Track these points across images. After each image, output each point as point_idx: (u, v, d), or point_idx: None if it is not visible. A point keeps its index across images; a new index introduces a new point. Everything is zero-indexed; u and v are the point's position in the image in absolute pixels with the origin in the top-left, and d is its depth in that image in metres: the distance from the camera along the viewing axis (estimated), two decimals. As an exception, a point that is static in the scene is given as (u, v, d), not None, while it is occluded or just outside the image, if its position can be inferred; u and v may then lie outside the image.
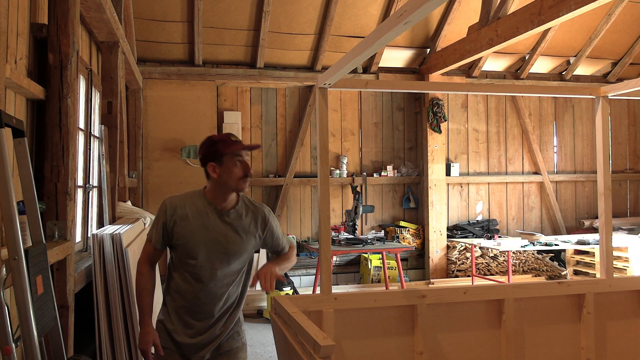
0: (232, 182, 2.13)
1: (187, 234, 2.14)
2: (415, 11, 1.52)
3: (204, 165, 2.18)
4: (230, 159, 2.12)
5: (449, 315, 2.85)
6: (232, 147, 2.11)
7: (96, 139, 4.22)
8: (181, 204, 2.17)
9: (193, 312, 2.19)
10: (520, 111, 7.83)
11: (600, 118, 3.10)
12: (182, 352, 2.21)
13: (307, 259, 6.90)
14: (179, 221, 2.15)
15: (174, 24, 6.27)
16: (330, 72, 2.46)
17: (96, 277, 3.16)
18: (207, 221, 2.15)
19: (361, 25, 6.74)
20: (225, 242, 2.17)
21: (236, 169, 2.12)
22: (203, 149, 2.18)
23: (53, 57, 2.72)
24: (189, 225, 2.14)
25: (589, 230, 7.56)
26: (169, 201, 2.19)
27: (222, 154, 2.11)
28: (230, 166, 2.11)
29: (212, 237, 2.15)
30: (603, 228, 3.08)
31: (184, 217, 2.15)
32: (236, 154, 2.12)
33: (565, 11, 4.37)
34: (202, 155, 2.18)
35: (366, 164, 7.44)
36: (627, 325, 3.11)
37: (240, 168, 2.13)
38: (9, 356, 1.67)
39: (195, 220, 2.15)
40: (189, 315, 2.19)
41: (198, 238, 2.14)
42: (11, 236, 1.74)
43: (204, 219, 2.15)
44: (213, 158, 2.13)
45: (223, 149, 2.11)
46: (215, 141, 2.15)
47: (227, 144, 2.12)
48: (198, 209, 2.17)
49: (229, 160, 2.12)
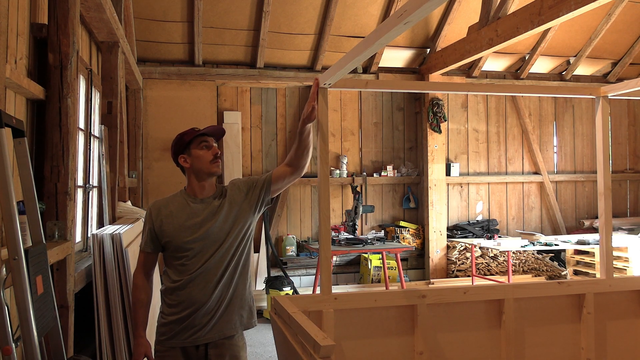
0: (204, 167, 2.24)
1: (174, 229, 2.21)
2: (415, 11, 1.52)
3: (176, 161, 2.30)
4: (197, 146, 2.24)
5: (449, 315, 2.85)
6: (197, 136, 2.24)
7: (96, 139, 4.22)
8: (164, 204, 2.29)
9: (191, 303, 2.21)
10: (520, 111, 7.84)
11: (600, 118, 3.10)
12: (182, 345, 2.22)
13: (307, 259, 6.90)
14: (165, 219, 2.24)
15: (174, 24, 6.27)
16: (330, 72, 2.46)
17: (96, 277, 3.16)
18: (190, 212, 2.24)
19: (361, 25, 6.74)
20: (214, 222, 2.23)
21: (204, 153, 2.23)
22: (172, 147, 2.30)
23: (53, 57, 2.72)
24: (175, 220, 2.23)
25: (589, 230, 7.56)
26: (153, 205, 2.31)
27: (187, 142, 2.24)
28: (198, 152, 2.23)
29: (198, 223, 2.22)
30: (603, 228, 3.08)
31: (169, 215, 2.25)
32: (201, 140, 2.24)
33: (565, 11, 4.37)
34: (173, 152, 2.30)
35: (366, 164, 7.44)
36: (627, 325, 3.10)
37: (208, 155, 2.24)
38: (9, 356, 1.67)
39: (180, 215, 2.24)
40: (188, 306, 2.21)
41: (186, 229, 2.21)
42: (11, 236, 1.74)
43: (188, 210, 2.25)
44: (182, 150, 2.26)
45: (187, 138, 2.24)
46: (181, 135, 2.28)
47: (190, 133, 2.25)
48: (181, 204, 2.27)
49: (196, 147, 2.24)
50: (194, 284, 2.21)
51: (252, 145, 7.05)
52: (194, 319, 2.20)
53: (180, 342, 2.22)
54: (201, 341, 2.22)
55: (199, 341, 2.22)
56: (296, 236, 7.06)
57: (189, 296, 2.21)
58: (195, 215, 2.23)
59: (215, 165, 2.25)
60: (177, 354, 2.22)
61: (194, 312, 2.20)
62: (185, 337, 2.21)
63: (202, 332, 2.21)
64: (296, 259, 6.87)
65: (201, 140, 2.24)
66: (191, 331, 2.21)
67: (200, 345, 2.23)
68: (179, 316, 2.21)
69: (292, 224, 7.14)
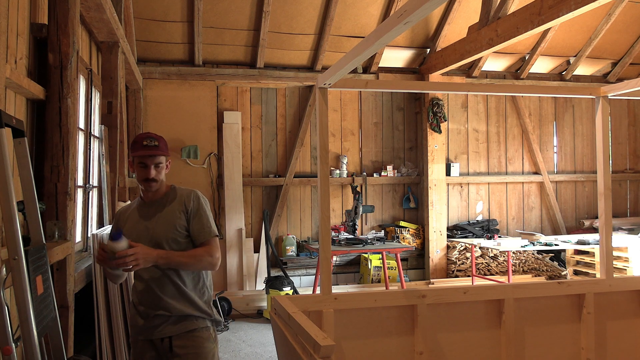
0: (139, 181, 2.34)
1: (126, 231, 2.30)
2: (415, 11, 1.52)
3: None
4: (135, 161, 2.31)
5: (449, 315, 2.85)
6: (138, 151, 2.27)
7: (96, 139, 4.22)
8: (125, 209, 2.47)
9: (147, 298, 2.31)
10: (520, 111, 7.84)
11: (600, 118, 3.10)
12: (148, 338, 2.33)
13: (307, 259, 6.90)
14: (122, 223, 2.40)
15: (174, 24, 6.27)
16: (330, 72, 2.46)
17: (96, 277, 3.16)
18: (137, 215, 2.37)
19: (361, 25, 6.74)
20: (152, 228, 2.32)
21: (140, 172, 2.31)
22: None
23: (53, 57, 2.72)
24: (127, 222, 2.38)
25: (589, 230, 7.56)
26: (119, 210, 2.51)
27: (131, 155, 2.33)
28: (136, 169, 2.33)
29: (141, 227, 2.34)
30: (603, 228, 3.08)
31: (125, 219, 2.41)
32: (139, 159, 2.28)
33: (565, 11, 4.37)
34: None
35: (366, 164, 7.44)
36: (627, 325, 3.11)
37: (143, 173, 2.30)
38: (9, 356, 1.67)
39: (131, 218, 2.39)
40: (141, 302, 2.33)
41: (132, 231, 2.32)
42: (11, 236, 1.74)
43: (136, 214, 2.39)
44: (129, 155, 2.37)
45: (132, 151, 2.31)
46: (134, 141, 2.34)
47: (136, 148, 2.29)
48: (133, 207, 2.42)
49: (136, 162, 2.32)
50: (142, 282, 2.32)
51: (252, 145, 7.05)
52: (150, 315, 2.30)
53: (144, 335, 2.33)
54: (163, 334, 2.30)
55: (162, 334, 2.31)
56: (296, 236, 7.06)
57: (141, 294, 2.33)
58: (142, 218, 2.36)
59: (148, 186, 2.31)
60: (146, 345, 2.34)
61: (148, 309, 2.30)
62: (148, 331, 2.31)
63: (162, 327, 2.30)
64: (296, 259, 6.87)
65: (140, 160, 2.29)
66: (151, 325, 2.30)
67: (164, 337, 2.31)
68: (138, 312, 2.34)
69: (292, 224, 7.14)
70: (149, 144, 2.27)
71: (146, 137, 2.30)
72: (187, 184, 6.39)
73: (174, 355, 2.28)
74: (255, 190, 7.01)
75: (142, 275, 2.31)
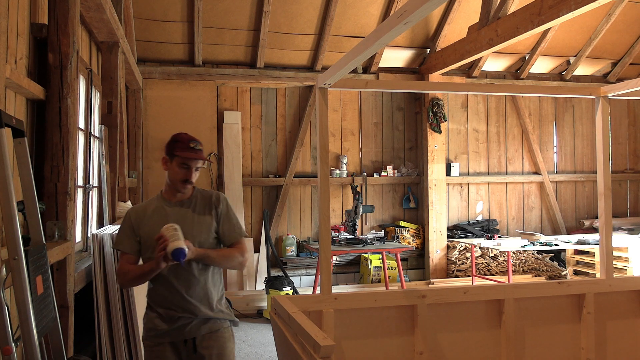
0: (173, 181, 2.34)
1: (150, 230, 2.29)
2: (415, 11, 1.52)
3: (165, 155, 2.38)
4: (177, 161, 2.31)
5: (449, 315, 2.85)
6: (184, 152, 2.29)
7: (96, 139, 4.22)
8: (142, 208, 2.41)
9: (170, 300, 2.29)
10: (520, 111, 7.84)
11: (600, 118, 3.10)
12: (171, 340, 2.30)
13: (307, 259, 6.90)
14: (142, 222, 2.34)
15: (174, 24, 6.27)
16: (330, 72, 2.46)
17: (96, 277, 3.16)
18: (164, 214, 2.33)
19: (361, 25, 6.74)
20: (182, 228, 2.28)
21: (179, 172, 2.31)
22: (167, 142, 2.38)
23: (53, 57, 2.72)
24: (150, 221, 2.33)
25: (589, 230, 7.56)
26: (132, 210, 2.43)
27: (174, 154, 2.31)
28: (175, 167, 2.31)
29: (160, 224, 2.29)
30: (603, 228, 3.08)
31: (146, 217, 2.35)
32: (182, 160, 2.30)
33: (565, 11, 4.37)
34: (165, 147, 2.37)
35: (366, 164, 7.44)
36: (627, 325, 3.11)
37: (182, 174, 2.31)
38: (9, 356, 1.67)
39: (155, 217, 2.33)
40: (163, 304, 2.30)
41: (153, 231, 2.25)
42: (11, 236, 1.74)
43: (162, 213, 2.34)
44: (168, 153, 2.34)
45: (176, 150, 2.30)
46: (176, 140, 2.34)
47: (182, 148, 2.30)
48: (156, 207, 2.38)
49: (177, 162, 2.30)
50: (167, 283, 2.29)
51: (252, 145, 7.05)
52: (174, 317, 2.28)
53: (168, 338, 2.29)
54: (189, 336, 2.30)
55: (187, 336, 2.29)
56: (296, 236, 7.06)
57: (163, 296, 2.30)
58: (171, 218, 2.31)
59: (182, 187, 2.34)
60: (167, 348, 2.30)
61: (172, 311, 2.28)
62: (172, 334, 2.29)
63: (187, 328, 2.29)
64: (296, 259, 6.87)
65: (182, 161, 2.29)
66: (175, 327, 2.28)
67: (188, 339, 2.30)
68: (159, 315, 2.30)
69: (292, 224, 7.14)
70: (195, 147, 2.32)
71: (192, 139, 2.33)
72: (187, 184, 6.39)
73: (199, 356, 2.29)
74: (255, 190, 7.01)
75: (168, 278, 2.28)
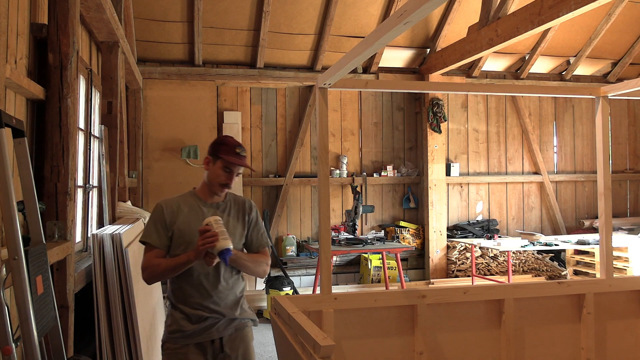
0: (213, 183, 2.34)
1: (185, 227, 2.28)
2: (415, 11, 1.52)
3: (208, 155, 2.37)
4: (220, 164, 2.31)
5: (449, 315, 2.85)
6: (230, 156, 2.29)
7: (96, 139, 4.22)
8: (175, 204, 2.35)
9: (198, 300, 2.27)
10: (520, 111, 7.84)
11: (600, 118, 3.10)
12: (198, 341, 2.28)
13: (307, 259, 6.90)
14: (177, 218, 2.30)
15: (174, 24, 6.27)
16: (330, 72, 2.46)
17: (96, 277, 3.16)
18: (201, 214, 2.32)
19: (361, 25, 6.74)
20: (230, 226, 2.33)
21: (220, 175, 2.31)
22: (215, 139, 2.40)
23: (53, 57, 2.72)
24: (187, 218, 2.31)
25: (589, 230, 7.56)
26: (164, 202, 2.35)
27: (218, 156, 2.30)
28: (217, 169, 2.32)
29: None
30: (603, 228, 3.08)
31: (181, 213, 2.32)
32: (226, 163, 2.30)
33: (565, 11, 4.37)
34: (211, 144, 2.38)
35: (366, 164, 7.44)
36: (627, 325, 3.11)
37: (223, 177, 2.31)
38: (9, 356, 1.67)
39: (191, 215, 2.32)
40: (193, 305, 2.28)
41: (195, 230, 2.22)
42: (11, 236, 1.74)
43: (198, 212, 2.33)
44: (212, 153, 2.34)
45: (221, 153, 2.30)
46: (223, 142, 2.34)
47: (228, 152, 2.30)
48: (192, 205, 2.36)
49: (221, 164, 2.31)
50: (195, 282, 2.28)
51: (252, 145, 7.05)
52: (202, 317, 2.27)
53: (196, 339, 2.28)
54: (216, 336, 2.30)
55: (215, 336, 2.30)
56: (296, 236, 7.06)
57: (191, 297, 2.28)
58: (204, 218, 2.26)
59: (220, 190, 2.35)
60: (192, 349, 2.28)
61: (201, 311, 2.27)
62: (200, 334, 2.28)
63: (215, 328, 2.29)
64: (296, 259, 6.87)
65: (225, 165, 2.30)
66: (203, 327, 2.27)
67: (215, 339, 2.31)
68: (187, 317, 2.28)
69: (292, 224, 7.14)
70: (241, 153, 2.33)
71: (238, 144, 2.34)
72: (187, 184, 6.40)
73: (225, 355, 2.31)
74: (255, 190, 7.01)
75: (197, 277, 2.28)
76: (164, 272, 2.23)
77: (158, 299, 4.90)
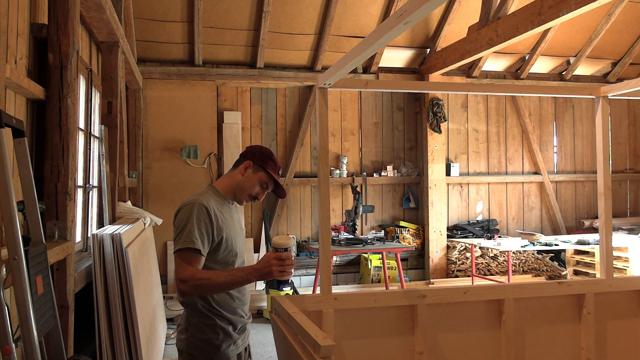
0: (243, 191, 2.21)
1: (232, 233, 2.14)
2: (415, 11, 1.52)
3: (243, 157, 2.24)
4: (262, 177, 2.21)
5: (449, 315, 2.85)
6: (273, 173, 2.20)
7: (96, 139, 4.22)
8: (215, 206, 2.11)
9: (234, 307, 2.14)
10: (520, 111, 7.84)
11: (600, 118, 3.10)
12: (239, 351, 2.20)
13: (307, 259, 6.90)
14: (223, 222, 2.10)
15: (174, 24, 6.27)
16: (330, 72, 2.46)
17: (96, 277, 3.16)
18: (229, 213, 2.20)
19: (361, 25, 6.74)
20: (240, 229, 2.26)
21: (256, 188, 2.21)
22: (260, 148, 2.27)
23: (53, 57, 2.72)
24: (228, 222, 2.14)
25: (589, 230, 7.56)
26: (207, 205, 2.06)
27: (263, 168, 2.20)
28: (255, 181, 2.20)
29: (236, 227, 2.23)
30: (603, 228, 3.08)
31: (224, 218, 2.13)
32: (268, 180, 2.21)
33: (565, 11, 4.37)
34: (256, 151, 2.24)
35: (366, 164, 7.44)
36: (627, 325, 3.11)
37: (258, 191, 2.22)
38: (9, 356, 1.67)
39: (229, 219, 2.17)
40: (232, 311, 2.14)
41: (231, 231, 2.14)
42: (11, 236, 1.74)
43: (231, 215, 2.22)
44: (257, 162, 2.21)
45: (267, 167, 2.20)
46: (272, 157, 2.24)
47: (273, 169, 2.21)
48: (221, 203, 2.18)
49: (261, 177, 2.20)
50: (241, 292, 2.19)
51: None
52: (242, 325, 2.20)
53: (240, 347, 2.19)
54: (247, 342, 2.29)
55: (246, 343, 2.28)
56: (296, 236, 7.06)
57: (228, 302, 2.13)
58: (232, 218, 2.22)
59: (247, 200, 2.24)
60: None
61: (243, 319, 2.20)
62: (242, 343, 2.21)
63: (246, 333, 2.26)
64: (296, 259, 6.87)
65: (266, 180, 2.21)
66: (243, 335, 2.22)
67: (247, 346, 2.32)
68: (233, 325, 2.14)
69: (292, 224, 7.14)
70: (281, 175, 2.28)
71: (281, 167, 2.28)
72: (187, 184, 6.40)
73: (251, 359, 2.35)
74: (255, 190, 7.00)
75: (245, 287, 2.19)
76: (215, 289, 1.99)
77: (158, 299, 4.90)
